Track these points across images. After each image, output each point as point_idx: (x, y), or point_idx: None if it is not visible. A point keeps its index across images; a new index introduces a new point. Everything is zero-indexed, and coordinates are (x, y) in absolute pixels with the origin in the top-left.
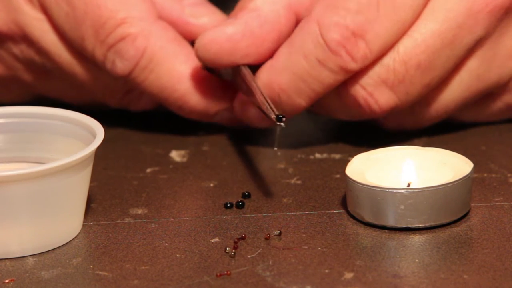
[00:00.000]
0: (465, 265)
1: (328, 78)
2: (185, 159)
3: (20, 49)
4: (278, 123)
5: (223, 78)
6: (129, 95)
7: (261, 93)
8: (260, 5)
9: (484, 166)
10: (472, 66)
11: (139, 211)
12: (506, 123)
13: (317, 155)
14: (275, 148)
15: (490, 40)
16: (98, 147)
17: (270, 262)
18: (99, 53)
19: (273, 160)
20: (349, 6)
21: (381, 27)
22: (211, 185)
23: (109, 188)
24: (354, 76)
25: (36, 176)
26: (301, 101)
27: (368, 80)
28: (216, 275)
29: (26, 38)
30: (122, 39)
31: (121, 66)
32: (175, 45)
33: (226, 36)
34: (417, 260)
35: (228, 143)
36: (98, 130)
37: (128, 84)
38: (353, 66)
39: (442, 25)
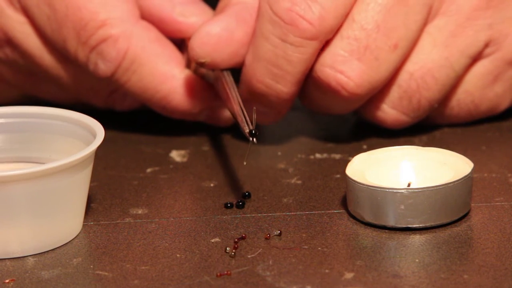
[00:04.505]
0: (465, 265)
1: (294, 54)
2: (185, 159)
3: (4, 53)
4: (251, 138)
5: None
6: (113, 95)
7: (239, 104)
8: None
9: (484, 166)
10: (440, 24)
11: (139, 211)
12: (506, 123)
13: (317, 155)
14: (244, 163)
15: None
16: (98, 147)
17: (270, 262)
18: (81, 55)
19: (273, 160)
20: None
21: None
22: (211, 185)
23: (109, 188)
24: (320, 58)
25: (36, 176)
26: (281, 87)
27: (333, 58)
28: (216, 275)
29: (9, 42)
30: (103, 40)
31: (103, 68)
32: (157, 46)
33: (222, 27)
34: (417, 260)
35: (228, 143)
36: (98, 130)
37: (112, 85)
38: (312, 30)
39: None
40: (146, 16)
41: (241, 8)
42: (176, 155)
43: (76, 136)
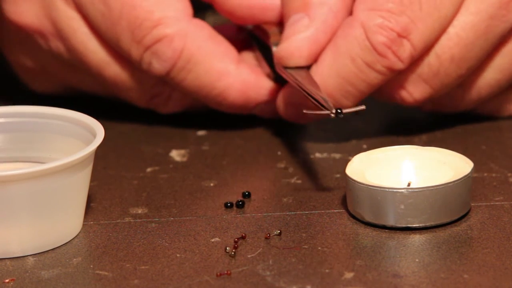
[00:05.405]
0: (465, 265)
1: (375, 79)
2: (185, 159)
3: (49, 45)
4: (339, 116)
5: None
6: (155, 99)
7: (321, 90)
8: None
9: (484, 165)
10: (505, 49)
11: (139, 211)
12: (506, 123)
13: (317, 155)
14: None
15: None
16: (98, 147)
17: (270, 262)
18: (135, 53)
19: (273, 160)
20: (391, 7)
21: (424, 25)
22: (211, 184)
23: (109, 187)
24: None
25: (36, 176)
26: (348, 102)
27: (402, 75)
28: (216, 275)
29: (57, 34)
30: (159, 40)
31: (158, 67)
32: (212, 43)
33: (311, 40)
34: (417, 260)
35: (228, 142)
36: (98, 130)
37: (155, 89)
38: (401, 66)
39: (474, 17)
40: (243, 8)
41: (328, 12)
42: (176, 155)
43: (76, 136)
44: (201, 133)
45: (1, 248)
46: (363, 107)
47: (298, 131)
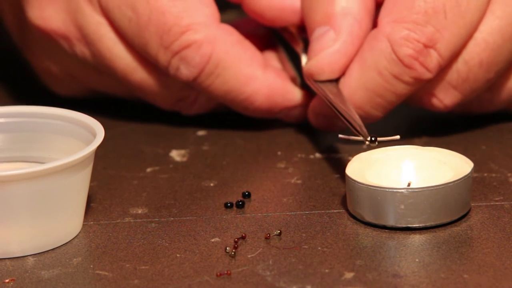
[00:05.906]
0: (465, 265)
1: (403, 90)
2: (185, 159)
3: (74, 50)
4: (372, 145)
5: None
6: (181, 102)
7: (354, 112)
8: (348, 6)
9: (484, 165)
10: None
11: (139, 211)
12: (506, 123)
13: (317, 155)
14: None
15: None
16: (98, 147)
17: (270, 262)
18: (162, 59)
19: (273, 160)
20: (416, 18)
21: (450, 33)
22: (211, 184)
23: (109, 187)
24: None
25: (36, 176)
26: (378, 113)
27: (431, 83)
28: (216, 275)
29: (83, 40)
30: (187, 46)
31: (186, 73)
32: (239, 49)
33: (340, 54)
34: (417, 260)
35: (228, 143)
36: (98, 130)
37: (180, 93)
38: (428, 76)
39: (501, 21)
40: (273, 10)
41: (352, 23)
42: (176, 155)
43: (76, 136)
44: (201, 133)
45: (1, 248)
46: (397, 136)
47: (298, 131)
